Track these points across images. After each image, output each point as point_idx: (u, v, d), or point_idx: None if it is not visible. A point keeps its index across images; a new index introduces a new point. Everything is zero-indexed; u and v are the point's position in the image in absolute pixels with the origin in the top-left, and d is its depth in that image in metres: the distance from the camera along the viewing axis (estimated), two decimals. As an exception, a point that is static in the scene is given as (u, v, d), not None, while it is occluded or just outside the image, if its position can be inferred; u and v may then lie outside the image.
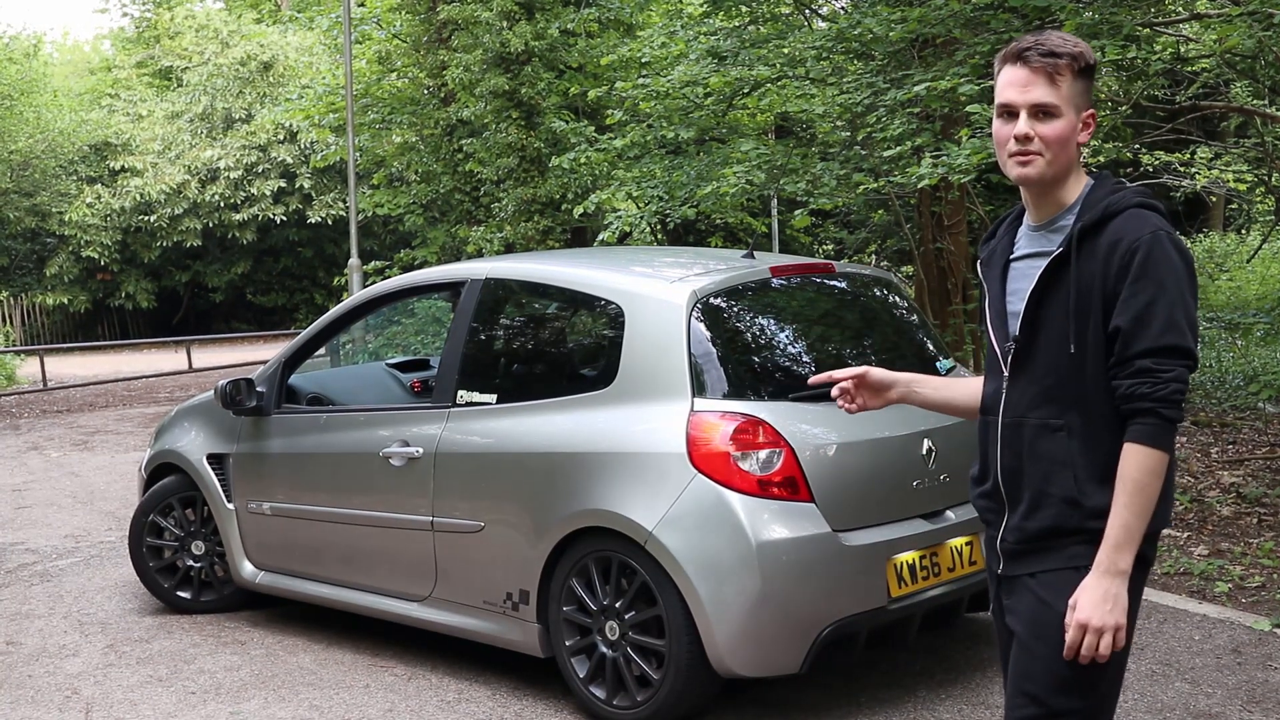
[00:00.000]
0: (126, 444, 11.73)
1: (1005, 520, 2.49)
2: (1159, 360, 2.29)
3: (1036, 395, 2.42)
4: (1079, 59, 2.38)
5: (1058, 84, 2.37)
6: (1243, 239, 19.93)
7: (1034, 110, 2.38)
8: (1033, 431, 2.42)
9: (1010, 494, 2.47)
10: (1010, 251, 2.54)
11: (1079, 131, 2.41)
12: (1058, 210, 2.45)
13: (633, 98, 10.02)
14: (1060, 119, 2.38)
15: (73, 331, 27.71)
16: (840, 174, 8.21)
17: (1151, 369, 2.29)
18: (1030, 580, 2.43)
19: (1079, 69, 2.39)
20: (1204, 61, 9.52)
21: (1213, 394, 10.32)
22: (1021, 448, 2.43)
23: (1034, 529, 2.42)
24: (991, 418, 2.52)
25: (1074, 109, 2.40)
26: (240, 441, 5.71)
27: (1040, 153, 2.39)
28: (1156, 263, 2.30)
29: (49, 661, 5.32)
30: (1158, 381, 2.28)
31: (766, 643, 4.10)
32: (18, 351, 20.22)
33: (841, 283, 5.13)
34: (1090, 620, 2.29)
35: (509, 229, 14.22)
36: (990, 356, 2.56)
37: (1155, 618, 5.23)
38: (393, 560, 5.08)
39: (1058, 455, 2.38)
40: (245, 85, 26.03)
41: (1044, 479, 2.40)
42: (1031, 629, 2.41)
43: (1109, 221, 2.36)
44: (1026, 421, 2.43)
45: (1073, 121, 2.39)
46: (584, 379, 4.69)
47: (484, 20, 13.80)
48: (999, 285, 2.53)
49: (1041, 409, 2.41)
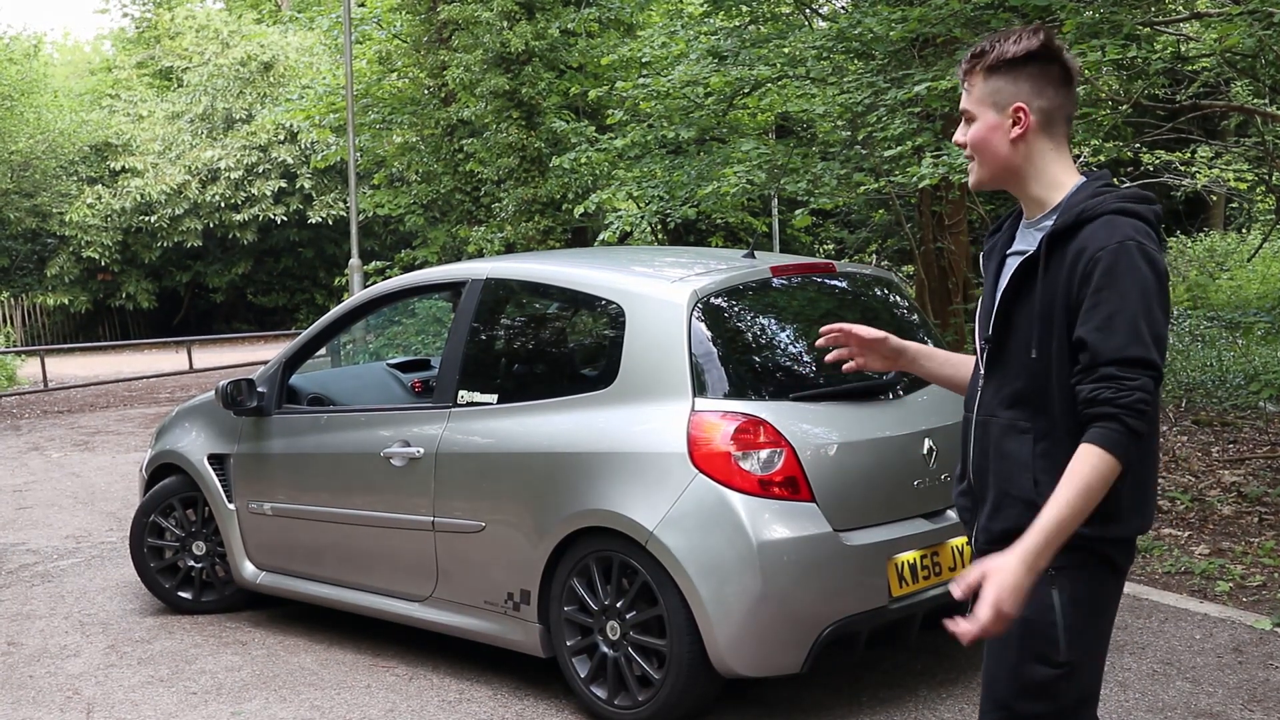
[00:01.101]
0: (127, 444, 11.74)
1: (976, 520, 2.47)
2: (1123, 369, 2.20)
3: (1008, 395, 2.38)
4: (982, 57, 2.36)
5: (969, 89, 2.39)
6: (1243, 238, 19.92)
7: (963, 117, 2.42)
8: (1000, 430, 2.38)
9: (979, 492, 2.45)
10: (1009, 244, 2.51)
11: (1008, 129, 2.36)
12: (1040, 210, 2.41)
13: (633, 97, 10.03)
14: (976, 122, 2.39)
15: (73, 332, 27.72)
16: (841, 174, 8.22)
17: (1116, 376, 2.20)
18: None
19: (988, 66, 2.35)
20: (1204, 61, 9.51)
21: (1213, 393, 10.31)
22: (989, 446, 2.40)
23: (997, 530, 2.39)
24: (969, 414, 2.50)
25: (992, 108, 2.36)
26: (241, 442, 5.71)
27: (971, 156, 2.42)
28: (1121, 274, 2.22)
29: (50, 662, 5.32)
30: (1122, 389, 2.20)
31: (768, 642, 4.10)
32: (18, 352, 20.23)
33: (842, 282, 5.13)
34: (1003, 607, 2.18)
35: (509, 229, 14.23)
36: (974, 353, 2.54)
37: (1156, 617, 5.23)
38: (394, 560, 5.08)
39: (1021, 457, 2.34)
40: (246, 85, 26.04)
41: (1006, 480, 2.36)
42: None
43: (1081, 228, 2.29)
44: (995, 420, 2.40)
45: (992, 121, 2.36)
46: (585, 379, 4.69)
47: (484, 20, 13.80)
48: (992, 280, 2.50)
49: (1011, 410, 2.37)
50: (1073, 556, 2.31)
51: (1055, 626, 2.33)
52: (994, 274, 2.50)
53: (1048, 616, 2.32)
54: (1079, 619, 2.34)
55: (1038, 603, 2.29)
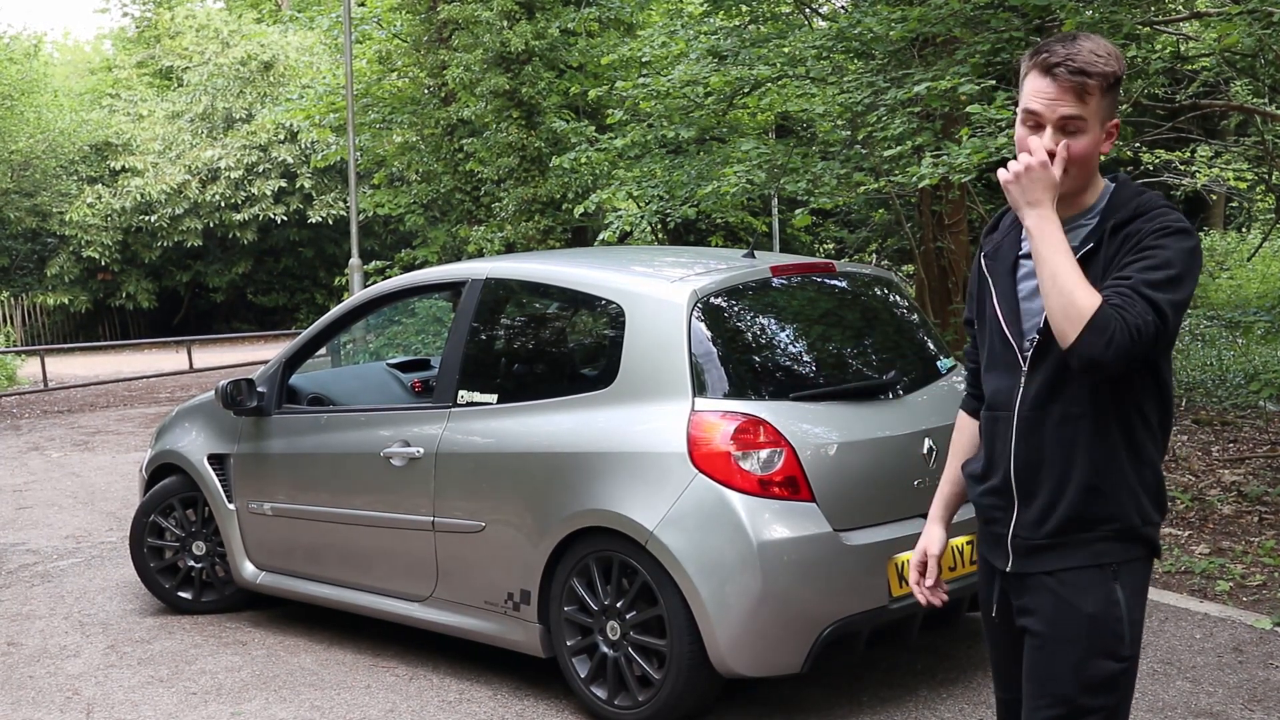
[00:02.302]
0: (127, 444, 11.73)
1: (1016, 516, 2.46)
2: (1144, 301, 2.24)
3: (1057, 386, 2.39)
4: (1108, 76, 2.36)
5: (1086, 101, 2.35)
6: (1243, 237, 19.94)
7: (1060, 124, 2.37)
8: (1055, 423, 2.39)
9: (1025, 488, 2.43)
10: (1019, 247, 2.51)
11: (1103, 142, 2.41)
12: (1077, 211, 2.44)
13: (633, 97, 10.02)
14: (1086, 135, 2.37)
15: (73, 332, 27.71)
16: (841, 173, 8.21)
17: (1129, 293, 2.24)
18: (1049, 579, 2.41)
19: (1108, 85, 2.36)
20: (1204, 60, 9.52)
21: (1213, 392, 10.31)
22: (1042, 440, 2.40)
23: (1056, 522, 2.40)
24: (1003, 413, 2.48)
25: (1099, 123, 2.38)
26: (241, 442, 5.71)
27: (1065, 169, 2.38)
28: (1175, 243, 2.30)
29: (50, 662, 5.32)
30: (1133, 309, 2.23)
31: (768, 642, 4.10)
32: (19, 352, 20.22)
33: (842, 282, 5.13)
34: (1019, 177, 2.33)
35: (509, 229, 14.22)
36: (997, 352, 2.51)
37: (1156, 616, 5.23)
38: (394, 560, 5.08)
39: (1080, 442, 2.37)
40: (246, 85, 26.03)
41: (1066, 467, 2.38)
42: (1055, 629, 2.40)
43: (1138, 219, 2.36)
44: (1049, 413, 2.40)
45: (1098, 136, 2.39)
46: (585, 379, 4.69)
47: (484, 20, 13.80)
48: (1009, 280, 2.50)
49: (1063, 401, 2.39)
50: (1131, 549, 2.39)
51: (1121, 621, 2.37)
52: (1009, 274, 2.50)
53: (1114, 612, 2.37)
54: (1138, 611, 2.41)
55: (1103, 598, 2.37)
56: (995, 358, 2.52)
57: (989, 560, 2.58)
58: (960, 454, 2.76)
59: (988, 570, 2.61)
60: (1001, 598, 2.56)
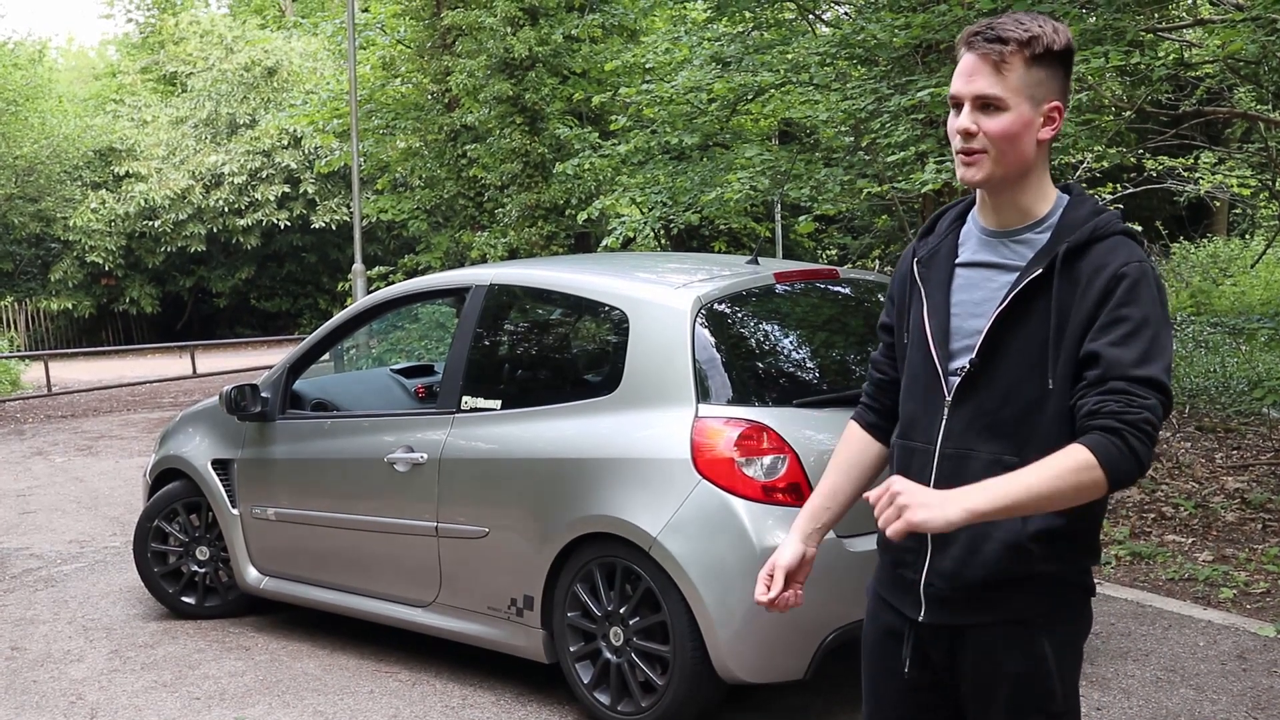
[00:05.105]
0: (131, 449, 11.74)
1: (929, 562, 2.18)
2: (1136, 386, 1.98)
3: (988, 426, 2.11)
4: (1032, 44, 2.05)
5: (1004, 73, 2.06)
6: (1247, 244, 19.92)
7: (977, 102, 2.09)
8: (982, 466, 2.08)
9: (942, 534, 2.08)
10: (956, 254, 2.22)
11: (1038, 127, 2.10)
12: (1023, 220, 2.16)
13: (637, 103, 10.05)
14: (1007, 112, 2.07)
15: (77, 337, 27.76)
16: (844, 179, 8.22)
17: (1128, 391, 1.97)
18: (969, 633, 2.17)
19: (1033, 55, 2.06)
20: (1208, 67, 9.52)
21: (1217, 399, 10.30)
22: (964, 483, 2.01)
23: (971, 577, 2.13)
24: (919, 445, 2.19)
25: (1028, 101, 2.07)
26: (245, 447, 5.71)
27: (985, 150, 2.09)
28: (1145, 295, 2.03)
29: (54, 667, 5.33)
30: (1131, 404, 1.97)
31: (771, 649, 4.10)
32: (22, 357, 20.24)
33: (845, 288, 5.13)
34: (912, 516, 1.93)
35: (513, 234, 14.25)
36: (918, 373, 2.22)
37: (1160, 624, 5.22)
38: (397, 566, 5.08)
39: None
40: (249, 91, 26.10)
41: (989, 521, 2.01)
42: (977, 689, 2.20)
43: (1094, 245, 2.08)
44: (975, 455, 2.11)
45: (1025, 116, 2.08)
46: (588, 385, 4.69)
47: (488, 26, 13.84)
48: (943, 293, 2.20)
49: (994, 443, 2.10)
50: (1062, 598, 2.16)
51: (1051, 676, 2.15)
52: (943, 286, 2.21)
53: (1042, 667, 2.14)
54: (1070, 663, 2.18)
55: (1029, 655, 2.14)
56: (915, 380, 2.23)
57: (891, 602, 2.28)
58: (843, 470, 2.40)
59: (881, 614, 2.31)
60: (915, 650, 2.25)
